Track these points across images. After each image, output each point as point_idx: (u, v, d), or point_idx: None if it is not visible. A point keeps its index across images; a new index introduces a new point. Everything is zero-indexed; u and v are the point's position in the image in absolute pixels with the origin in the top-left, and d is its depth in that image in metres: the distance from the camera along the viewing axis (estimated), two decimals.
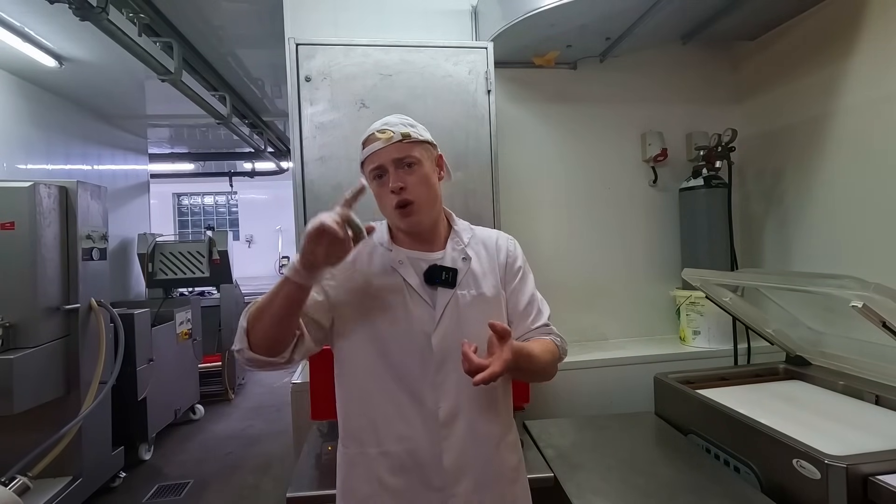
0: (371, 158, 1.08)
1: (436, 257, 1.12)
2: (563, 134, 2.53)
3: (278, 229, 8.50)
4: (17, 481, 2.03)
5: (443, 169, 1.15)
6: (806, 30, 2.19)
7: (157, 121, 5.43)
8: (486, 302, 1.11)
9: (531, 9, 1.96)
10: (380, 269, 1.10)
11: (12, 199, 2.50)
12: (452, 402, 1.06)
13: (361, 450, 1.07)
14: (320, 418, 1.61)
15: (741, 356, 2.25)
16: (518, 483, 1.15)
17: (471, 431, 1.07)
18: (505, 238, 1.23)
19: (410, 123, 1.11)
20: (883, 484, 1.14)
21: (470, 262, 1.13)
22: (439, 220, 1.16)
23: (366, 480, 1.06)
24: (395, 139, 1.06)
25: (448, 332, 1.07)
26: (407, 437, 1.05)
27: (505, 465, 1.11)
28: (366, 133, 1.11)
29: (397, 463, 1.05)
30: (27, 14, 2.90)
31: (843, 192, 2.04)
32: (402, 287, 1.08)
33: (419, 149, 1.09)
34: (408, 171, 1.06)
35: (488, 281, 1.13)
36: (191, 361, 4.32)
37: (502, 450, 1.11)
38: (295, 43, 1.88)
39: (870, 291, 1.29)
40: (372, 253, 1.12)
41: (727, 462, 1.56)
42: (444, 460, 1.04)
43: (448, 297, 1.08)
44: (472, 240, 1.17)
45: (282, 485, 3.05)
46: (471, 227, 1.22)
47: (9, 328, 2.45)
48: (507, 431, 1.14)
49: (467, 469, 1.06)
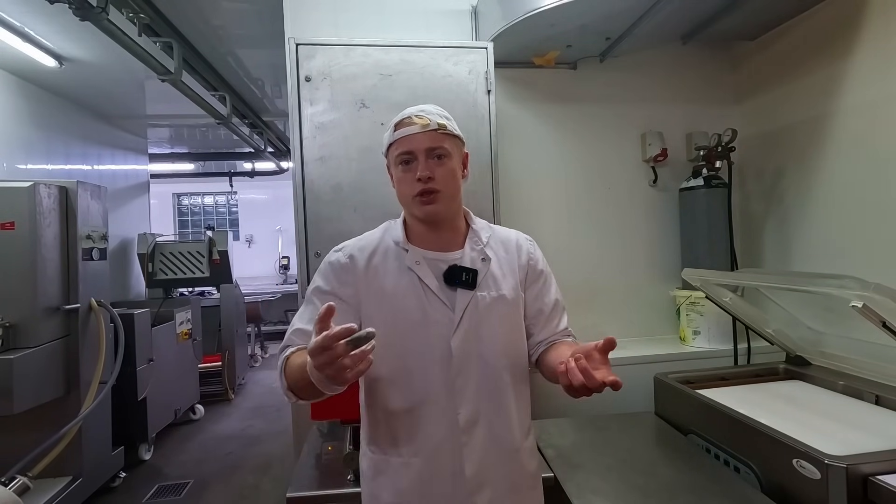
0: (402, 142, 1.05)
1: (454, 257, 1.09)
2: (563, 134, 2.53)
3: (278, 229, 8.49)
4: (17, 481, 2.03)
5: (466, 167, 1.13)
6: (806, 30, 2.19)
7: (157, 121, 5.43)
8: (506, 304, 1.09)
9: (531, 9, 1.96)
10: (395, 271, 1.07)
11: (12, 199, 2.50)
12: (472, 408, 1.03)
13: (384, 456, 1.06)
14: (320, 418, 1.61)
15: (741, 356, 2.25)
16: (536, 489, 1.14)
17: (491, 438, 1.04)
18: (524, 238, 1.21)
19: (446, 115, 1.09)
20: (883, 484, 1.14)
21: (489, 263, 1.10)
22: (458, 217, 1.13)
23: (389, 489, 1.05)
24: (432, 127, 1.04)
25: (468, 334, 1.04)
26: (428, 446, 1.03)
27: (525, 472, 1.09)
28: (399, 115, 1.08)
29: (419, 473, 1.02)
30: (27, 14, 2.91)
31: (843, 192, 2.04)
32: (419, 289, 1.05)
33: (451, 142, 1.07)
34: (437, 163, 1.04)
35: (508, 282, 1.10)
36: (191, 361, 4.32)
37: (522, 456, 1.09)
38: (295, 43, 1.88)
39: (870, 291, 1.29)
40: (387, 254, 1.09)
41: (727, 462, 1.56)
42: (465, 469, 1.02)
43: (468, 299, 1.05)
44: (490, 239, 1.14)
45: (282, 485, 3.05)
46: (490, 226, 1.19)
47: (9, 328, 2.45)
48: (525, 437, 1.11)
49: (489, 477, 1.03)
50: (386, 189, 1.77)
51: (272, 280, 8.39)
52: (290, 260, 8.28)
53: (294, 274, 4.81)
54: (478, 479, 1.02)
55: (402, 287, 1.05)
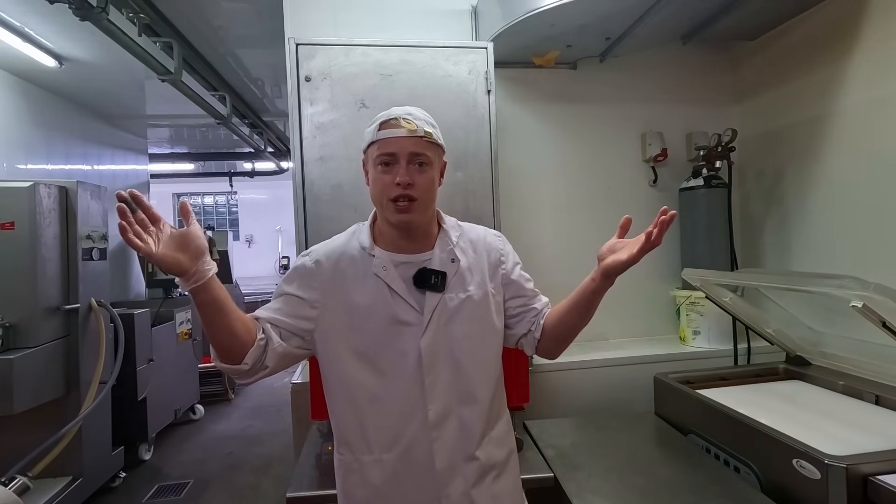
0: (386, 143, 1.04)
1: (423, 258, 1.10)
2: (563, 134, 2.53)
3: (278, 229, 8.50)
4: (17, 481, 2.03)
5: (443, 176, 1.14)
6: (806, 30, 2.19)
7: (157, 121, 5.43)
8: (474, 303, 1.10)
9: (531, 9, 1.96)
10: (362, 277, 1.08)
11: (12, 199, 2.50)
12: (442, 405, 1.05)
13: (355, 457, 1.07)
14: (320, 418, 1.61)
15: (741, 356, 2.25)
16: (510, 473, 1.14)
17: (461, 431, 1.06)
18: (493, 236, 1.22)
19: (432, 122, 1.09)
20: (883, 484, 1.14)
21: (458, 264, 1.11)
22: (431, 223, 1.14)
23: (361, 486, 1.06)
24: (418, 133, 1.04)
25: (437, 335, 1.06)
26: (398, 444, 1.04)
27: (494, 459, 1.10)
28: (385, 115, 1.07)
29: (390, 470, 1.04)
30: (27, 14, 2.91)
31: (842, 193, 2.04)
32: (386, 294, 1.06)
33: (434, 151, 1.08)
34: (418, 170, 1.04)
35: (476, 281, 1.12)
36: (191, 361, 4.32)
37: (490, 445, 1.10)
38: (295, 43, 1.88)
39: (870, 291, 1.29)
40: (354, 259, 1.10)
41: (727, 462, 1.56)
42: (436, 463, 1.04)
43: (436, 301, 1.07)
44: (460, 239, 1.16)
45: (282, 485, 3.05)
46: (459, 225, 1.20)
47: (9, 328, 2.45)
48: (493, 426, 1.13)
49: (458, 468, 1.05)
50: None
51: (272, 280, 8.39)
52: (289, 260, 8.27)
53: None
54: (449, 471, 1.05)
55: (368, 293, 1.06)
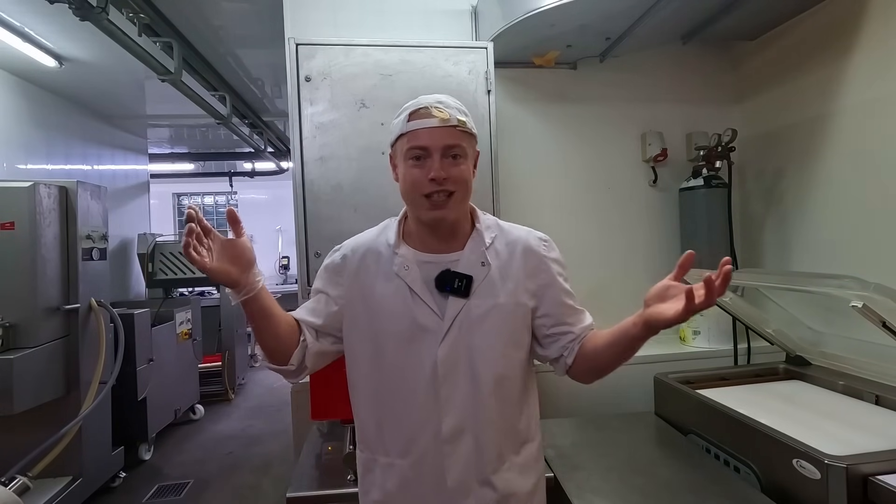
0: (417, 135, 0.96)
1: (451, 259, 1.02)
2: (563, 134, 2.53)
3: (278, 229, 8.48)
4: (17, 481, 2.03)
5: (476, 167, 1.05)
6: (806, 30, 2.19)
7: (157, 121, 5.43)
8: (502, 313, 1.01)
9: (531, 9, 1.96)
10: (384, 275, 1.02)
11: (12, 199, 2.50)
12: (458, 418, 0.98)
13: (373, 456, 1.05)
14: (320, 418, 1.61)
15: (741, 356, 2.25)
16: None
17: (477, 450, 0.99)
18: (537, 239, 1.09)
19: (465, 110, 1.00)
20: (883, 484, 1.14)
21: (489, 269, 1.01)
22: (464, 219, 1.06)
23: (377, 487, 1.04)
24: (451, 122, 0.96)
25: (456, 344, 0.98)
26: (412, 452, 0.99)
27: (510, 489, 1.01)
28: (414, 104, 0.99)
29: (404, 477, 1.00)
30: (27, 14, 2.90)
31: (842, 192, 2.04)
32: (406, 295, 1.00)
33: (468, 141, 1.00)
34: (453, 163, 0.96)
35: (508, 289, 1.02)
36: (191, 361, 4.32)
37: (509, 471, 1.01)
38: (295, 43, 1.88)
39: (870, 291, 1.29)
40: (379, 256, 1.05)
41: (727, 462, 1.56)
42: (447, 479, 0.98)
43: (459, 308, 0.98)
44: (496, 241, 1.05)
45: (282, 485, 3.05)
46: (498, 225, 1.09)
47: (9, 328, 2.45)
48: (517, 450, 1.04)
49: (470, 490, 0.98)
50: (386, 189, 1.77)
51: (272, 280, 8.38)
52: (289, 260, 8.27)
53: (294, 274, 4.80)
54: (461, 492, 0.98)
55: (389, 292, 1.01)
